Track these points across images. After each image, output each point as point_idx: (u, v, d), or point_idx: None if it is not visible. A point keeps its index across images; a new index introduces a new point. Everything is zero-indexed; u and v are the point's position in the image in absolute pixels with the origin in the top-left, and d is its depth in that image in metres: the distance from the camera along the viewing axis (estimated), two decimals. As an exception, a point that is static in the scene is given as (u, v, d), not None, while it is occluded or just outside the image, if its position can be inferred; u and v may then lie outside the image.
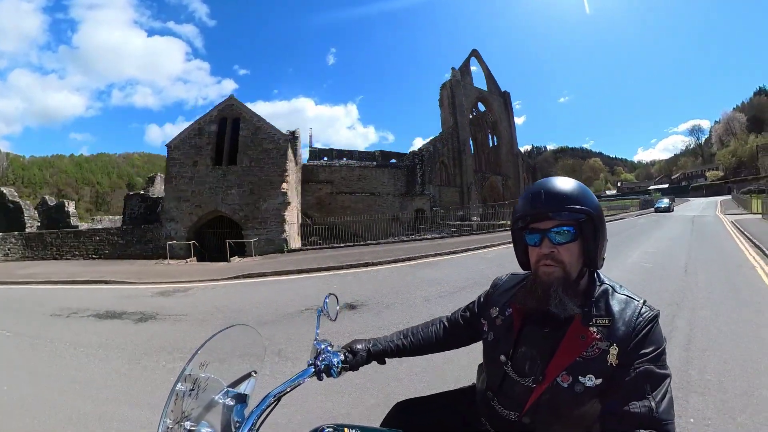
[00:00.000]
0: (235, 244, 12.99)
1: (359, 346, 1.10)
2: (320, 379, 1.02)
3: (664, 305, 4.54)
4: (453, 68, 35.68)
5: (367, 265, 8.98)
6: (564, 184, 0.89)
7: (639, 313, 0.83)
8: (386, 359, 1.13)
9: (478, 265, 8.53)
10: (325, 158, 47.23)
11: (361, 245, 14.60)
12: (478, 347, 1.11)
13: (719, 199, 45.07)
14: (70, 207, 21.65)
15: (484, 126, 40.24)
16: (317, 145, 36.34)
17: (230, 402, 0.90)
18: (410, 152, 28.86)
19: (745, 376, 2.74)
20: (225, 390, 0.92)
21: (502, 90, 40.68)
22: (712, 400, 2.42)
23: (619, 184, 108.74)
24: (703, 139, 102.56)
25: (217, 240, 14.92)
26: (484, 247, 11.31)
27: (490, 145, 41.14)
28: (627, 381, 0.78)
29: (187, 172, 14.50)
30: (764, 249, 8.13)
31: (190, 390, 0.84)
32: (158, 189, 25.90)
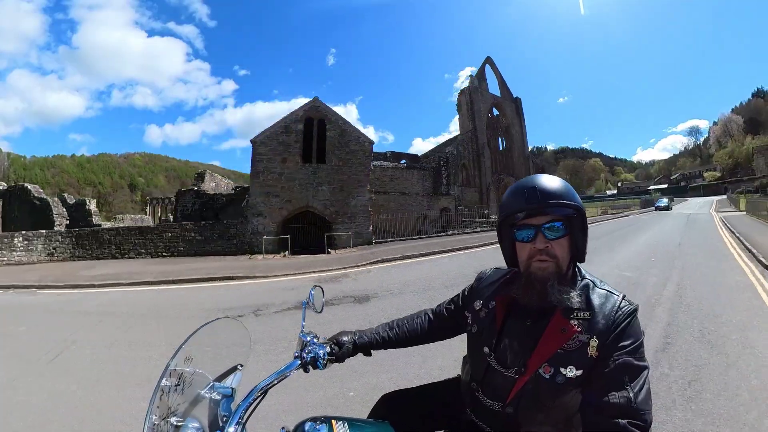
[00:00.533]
0: (328, 238, 14.29)
1: (345, 338, 1.14)
2: (306, 371, 1.05)
3: (667, 258, 8.07)
4: (471, 75, 39.25)
5: (467, 248, 12.14)
6: (553, 181, 0.93)
7: (618, 307, 0.87)
8: (372, 351, 1.19)
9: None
10: None
11: (425, 237, 17.44)
12: (462, 340, 1.15)
13: (716, 198, 49.17)
14: (92, 205, 21.29)
15: (498, 130, 43.69)
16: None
17: (216, 396, 0.91)
18: (436, 155, 32.25)
19: (703, 274, 6.33)
20: (211, 384, 0.92)
21: (514, 96, 44.27)
22: (692, 276, 6.00)
23: (619, 184, 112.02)
24: (702, 140, 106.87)
25: (299, 234, 15.62)
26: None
27: (500, 148, 44.64)
28: (606, 372, 0.82)
29: (276, 168, 15.15)
30: (733, 230, 11.76)
31: (176, 385, 0.85)
32: (208, 185, 27.14)
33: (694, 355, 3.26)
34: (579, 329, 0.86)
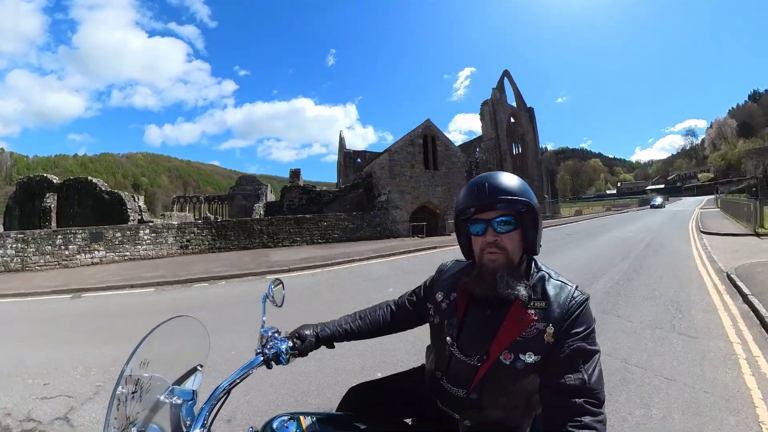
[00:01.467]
0: (445, 225, 21.09)
1: (307, 332, 1.17)
2: (269, 367, 1.07)
3: (651, 230, 15.00)
4: (493, 89, 45.94)
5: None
6: (505, 178, 1.00)
7: (572, 296, 0.96)
8: (335, 343, 1.22)
9: (581, 225, 18.92)
10: (359, 160, 56.51)
11: None
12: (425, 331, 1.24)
13: (706, 198, 56.58)
14: (140, 201, 21.79)
15: (515, 136, 50.39)
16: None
17: (177, 401, 0.90)
18: (467, 160, 38.87)
19: (668, 234, 13.24)
20: (171, 388, 0.91)
21: (528, 106, 51.00)
22: (661, 235, 12.90)
23: (618, 185, 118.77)
24: (701, 139, 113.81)
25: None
26: (565, 224, 21.78)
27: (514, 153, 51.36)
28: (562, 357, 0.90)
29: (407, 172, 20.60)
30: (699, 218, 18.67)
31: (133, 392, 0.82)
32: (302, 182, 31.12)
33: (655, 247, 10.12)
34: (536, 318, 0.94)
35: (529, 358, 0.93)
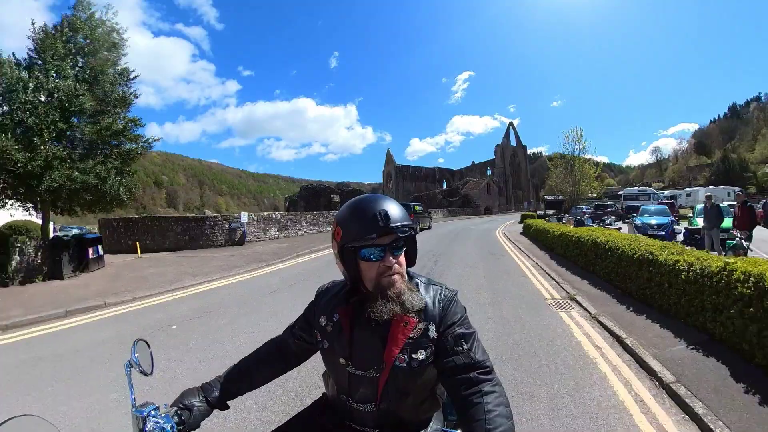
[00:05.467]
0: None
1: (194, 400, 1.13)
2: None
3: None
4: (504, 138, 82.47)
5: (506, 213, 56.09)
6: (395, 205, 1.11)
7: (444, 295, 1.14)
8: (228, 402, 1.20)
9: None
10: (404, 172, 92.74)
11: (507, 214, 62.36)
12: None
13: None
14: None
15: (514, 165, 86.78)
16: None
17: None
18: (489, 177, 75.19)
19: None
20: None
21: (523, 144, 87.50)
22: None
23: (602, 190, 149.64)
24: (677, 150, 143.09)
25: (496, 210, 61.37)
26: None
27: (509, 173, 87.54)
28: (448, 345, 1.06)
29: (483, 195, 64.85)
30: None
31: None
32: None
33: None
34: (417, 319, 1.07)
35: (421, 355, 1.06)
